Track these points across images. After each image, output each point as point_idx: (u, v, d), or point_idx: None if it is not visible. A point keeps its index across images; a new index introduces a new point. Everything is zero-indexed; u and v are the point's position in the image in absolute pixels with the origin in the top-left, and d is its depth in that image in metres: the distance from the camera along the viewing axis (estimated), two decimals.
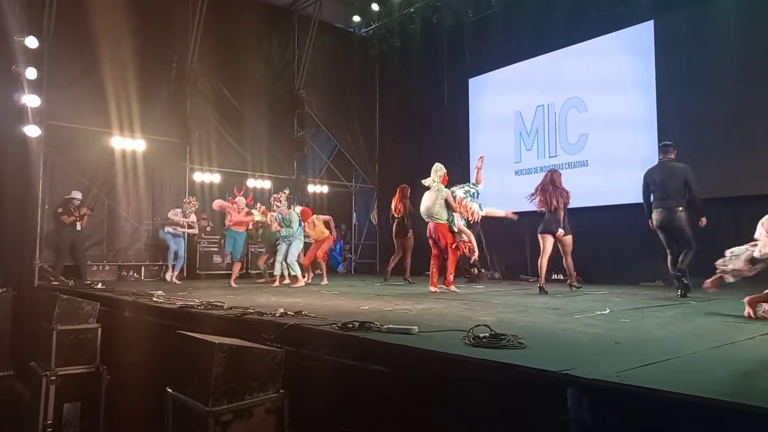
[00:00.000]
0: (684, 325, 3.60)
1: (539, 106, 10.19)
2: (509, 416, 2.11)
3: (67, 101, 9.43)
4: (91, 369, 5.38)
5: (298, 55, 12.68)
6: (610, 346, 2.66)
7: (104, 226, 9.92)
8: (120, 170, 9.98)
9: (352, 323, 3.12)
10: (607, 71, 9.11)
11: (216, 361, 2.61)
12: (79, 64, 9.59)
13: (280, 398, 2.79)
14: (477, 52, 11.45)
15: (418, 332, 2.93)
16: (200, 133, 11.10)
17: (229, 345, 2.69)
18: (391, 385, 2.62)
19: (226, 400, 2.63)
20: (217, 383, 2.62)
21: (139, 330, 5.16)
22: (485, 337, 2.65)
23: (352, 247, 14.77)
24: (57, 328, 5.20)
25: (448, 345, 2.58)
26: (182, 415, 2.79)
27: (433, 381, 2.44)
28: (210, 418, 2.54)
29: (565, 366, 2.05)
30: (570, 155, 9.67)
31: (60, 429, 5.23)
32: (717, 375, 2.01)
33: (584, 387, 1.88)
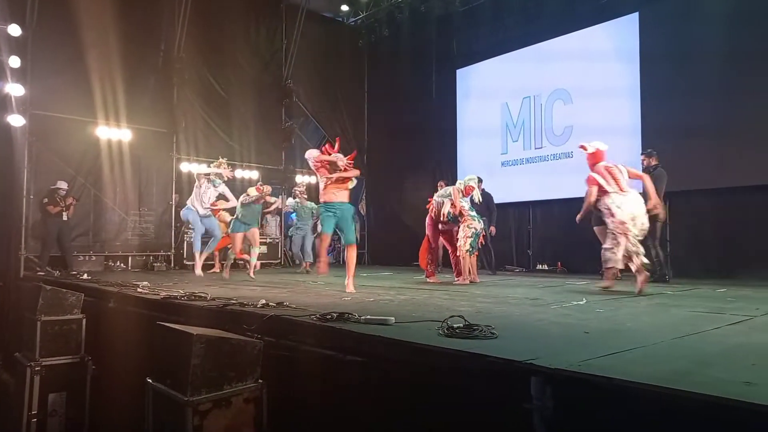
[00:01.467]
0: (657, 315, 3.69)
1: (525, 97, 10.25)
2: (478, 404, 2.17)
3: (52, 90, 9.34)
4: (76, 359, 5.41)
5: (286, 45, 12.60)
6: (579, 337, 2.74)
7: (90, 216, 9.88)
8: (106, 160, 9.92)
9: (331, 314, 3.18)
10: (592, 63, 9.17)
11: (194, 351, 2.66)
12: (64, 53, 9.47)
13: (259, 388, 2.84)
14: (465, 42, 11.48)
15: (395, 323, 2.99)
16: (187, 123, 11.04)
17: (207, 336, 2.73)
18: (366, 375, 2.68)
19: (204, 390, 2.68)
20: (196, 373, 2.66)
21: (124, 321, 5.19)
22: (459, 327, 2.71)
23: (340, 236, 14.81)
24: (41, 319, 5.22)
25: (422, 336, 2.64)
26: (162, 405, 2.83)
27: (406, 370, 2.50)
28: (188, 407, 2.59)
29: (533, 356, 2.12)
30: (555, 147, 9.74)
31: (45, 419, 5.27)
32: (675, 365, 2.08)
33: (547, 376, 1.94)
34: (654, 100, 8.35)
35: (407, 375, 2.50)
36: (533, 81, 10.01)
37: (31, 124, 9.09)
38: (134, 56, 10.25)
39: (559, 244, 9.84)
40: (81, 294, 5.57)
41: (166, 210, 10.80)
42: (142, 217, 10.46)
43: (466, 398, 2.22)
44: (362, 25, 13.43)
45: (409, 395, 2.43)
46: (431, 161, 12.20)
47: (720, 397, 1.54)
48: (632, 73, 8.67)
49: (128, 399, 5.42)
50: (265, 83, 12.41)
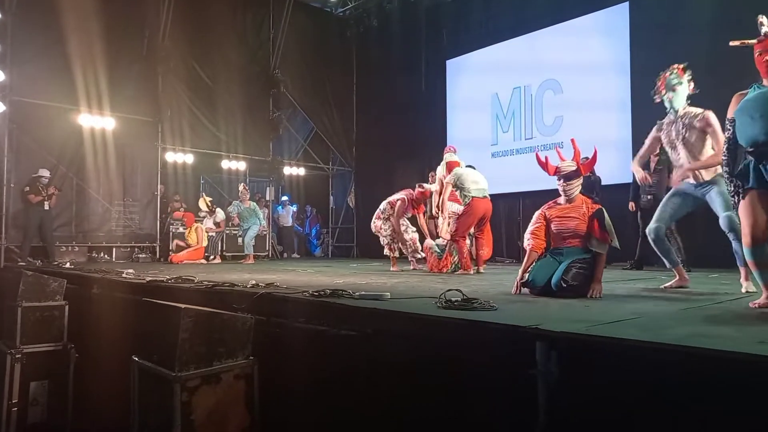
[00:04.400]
0: (655, 293, 3.65)
1: (516, 87, 10.21)
2: (480, 374, 2.09)
3: (33, 77, 9.12)
4: (59, 347, 5.24)
5: (274, 34, 12.43)
6: (579, 310, 2.67)
7: (73, 206, 9.66)
8: (89, 149, 9.70)
9: (324, 291, 3.09)
10: (582, 53, 9.14)
11: (183, 326, 2.55)
12: (45, 39, 9.24)
13: (250, 365, 2.74)
14: (455, 33, 11.40)
15: (391, 299, 2.90)
16: (172, 112, 10.85)
17: (196, 310, 2.63)
18: (362, 349, 2.60)
19: (193, 366, 2.57)
20: (184, 349, 2.56)
21: (109, 307, 5.04)
22: (457, 301, 2.64)
23: (329, 230, 14.70)
24: (22, 305, 5.05)
25: (420, 309, 2.56)
26: (148, 383, 2.72)
27: (404, 343, 2.42)
28: (176, 383, 2.48)
29: (535, 323, 2.05)
30: (546, 137, 9.71)
31: (26, 408, 5.10)
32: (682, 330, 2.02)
33: (553, 341, 1.87)
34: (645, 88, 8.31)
35: (405, 347, 2.43)
36: (523, 71, 9.97)
37: (11, 111, 8.86)
38: (117, 43, 10.04)
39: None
40: (63, 280, 5.41)
41: (151, 201, 10.60)
42: (126, 208, 10.26)
43: (467, 368, 2.14)
44: (351, 16, 13.31)
45: (408, 367, 2.35)
46: (421, 153, 12.10)
47: (739, 353, 1.47)
48: (623, 64, 8.66)
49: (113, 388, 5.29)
50: (253, 73, 12.24)
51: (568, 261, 3.31)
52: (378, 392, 2.47)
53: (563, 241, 3.49)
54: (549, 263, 3.42)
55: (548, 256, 3.49)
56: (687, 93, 3.85)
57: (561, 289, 3.18)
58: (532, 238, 3.66)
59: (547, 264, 3.42)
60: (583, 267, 3.25)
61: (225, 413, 2.64)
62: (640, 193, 7.01)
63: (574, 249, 3.42)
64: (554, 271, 3.34)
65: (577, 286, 3.19)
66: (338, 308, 2.74)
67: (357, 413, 2.56)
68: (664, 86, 3.85)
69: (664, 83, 3.85)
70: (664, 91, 3.85)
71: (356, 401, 2.58)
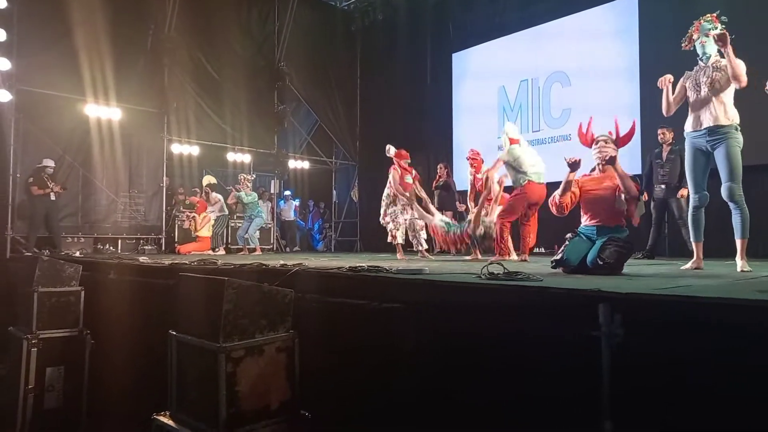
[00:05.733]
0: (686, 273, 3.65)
1: (523, 80, 10.21)
2: (539, 340, 2.08)
3: (40, 66, 9.03)
4: (74, 333, 5.20)
5: (279, 27, 12.40)
6: (625, 282, 2.67)
7: (79, 196, 9.59)
8: (95, 139, 9.63)
9: (360, 267, 3.07)
10: (591, 45, 9.16)
11: (226, 297, 2.54)
12: (52, 28, 9.17)
13: (291, 338, 2.73)
14: (461, 26, 11.38)
15: (430, 273, 2.89)
16: (178, 104, 10.79)
17: (239, 282, 2.61)
18: (406, 321, 2.58)
19: (236, 337, 2.56)
20: (228, 320, 2.54)
21: (127, 292, 5.02)
22: (499, 274, 2.63)
23: (332, 224, 14.67)
24: (38, 290, 5.01)
25: (464, 281, 2.55)
26: (188, 356, 2.70)
27: (455, 314, 2.41)
28: (221, 353, 2.47)
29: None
30: (553, 130, 9.73)
31: (42, 394, 5.07)
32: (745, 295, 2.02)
33: (618, 302, 1.86)
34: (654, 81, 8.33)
35: (456, 318, 2.41)
36: (531, 64, 9.97)
37: (17, 100, 8.79)
38: (124, 34, 9.96)
39: (555, 228, 9.81)
40: (79, 266, 5.37)
41: (157, 192, 10.55)
42: (132, 199, 10.20)
43: (524, 336, 2.13)
44: (356, 9, 13.27)
45: (459, 338, 2.34)
46: (426, 146, 12.10)
47: None
48: (631, 55, 8.68)
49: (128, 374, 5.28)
50: (258, 66, 12.20)
51: (603, 239, 3.31)
52: (426, 364, 2.46)
53: (595, 216, 3.48)
54: (582, 242, 3.42)
55: (580, 235, 3.49)
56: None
57: (597, 267, 3.18)
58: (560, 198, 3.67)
59: (580, 242, 3.42)
60: (619, 245, 3.25)
61: (267, 385, 2.63)
62: (653, 183, 7.04)
63: (607, 227, 3.41)
64: (587, 250, 3.34)
65: (613, 264, 3.19)
66: (381, 281, 2.73)
67: (402, 386, 2.55)
68: (698, 31, 3.87)
69: (698, 29, 3.88)
70: (697, 35, 3.87)
71: (400, 374, 2.57)
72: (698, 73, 3.91)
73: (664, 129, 6.98)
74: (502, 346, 2.18)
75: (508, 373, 2.11)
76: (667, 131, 6.95)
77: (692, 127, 3.92)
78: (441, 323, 2.45)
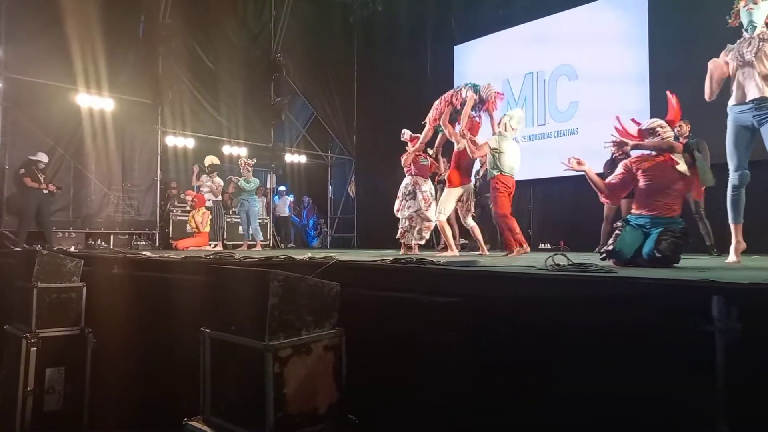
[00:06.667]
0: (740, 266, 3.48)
1: (528, 73, 10.06)
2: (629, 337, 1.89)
3: (30, 54, 8.68)
4: (76, 331, 4.92)
5: (275, 17, 12.10)
6: (699, 274, 2.49)
7: (70, 190, 9.22)
8: (87, 130, 9.28)
9: (405, 259, 2.85)
10: (598, 38, 9.03)
11: (272, 290, 2.30)
12: (42, 14, 8.81)
13: (338, 335, 2.51)
14: (464, 18, 11.20)
15: (486, 265, 2.69)
16: (173, 95, 10.46)
17: (285, 273, 2.38)
18: (463, 315, 2.37)
19: (282, 335, 2.33)
20: (273, 316, 2.31)
21: (134, 287, 4.73)
22: (566, 265, 2.43)
23: (327, 220, 14.42)
24: (38, 286, 4.71)
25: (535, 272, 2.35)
26: (227, 356, 2.47)
27: (521, 306, 2.21)
28: (268, 353, 2.24)
29: None
30: (559, 123, 9.60)
31: (42, 396, 4.78)
32: None
33: (734, 294, 1.67)
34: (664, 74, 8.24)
35: (521, 311, 2.22)
36: (536, 57, 9.81)
37: (6, 89, 8.42)
38: (117, 22, 9.65)
39: (561, 223, 9.71)
40: (80, 260, 5.07)
41: (151, 186, 10.21)
42: (125, 193, 9.86)
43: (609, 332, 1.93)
44: (354, 0, 13.01)
45: (528, 333, 2.14)
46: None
47: None
48: (641, 48, 8.56)
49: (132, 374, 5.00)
50: (254, 57, 11.91)
51: (659, 230, 3.12)
52: (489, 361, 2.26)
53: (650, 206, 3.28)
54: (634, 233, 3.23)
55: (632, 225, 3.30)
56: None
57: (653, 260, 3.00)
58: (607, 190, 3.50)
59: (633, 233, 3.23)
60: (676, 236, 3.06)
61: (315, 387, 2.41)
62: None
63: (663, 218, 3.23)
64: (639, 242, 3.16)
65: (669, 256, 3.01)
66: (434, 273, 2.51)
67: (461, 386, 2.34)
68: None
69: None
70: (744, 3, 3.67)
71: (458, 372, 2.36)
72: (741, 45, 3.71)
73: (681, 121, 6.83)
74: (586, 342, 1.98)
75: (598, 371, 1.92)
76: (683, 123, 6.81)
77: (736, 100, 3.72)
78: (507, 317, 2.25)
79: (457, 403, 2.38)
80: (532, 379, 2.07)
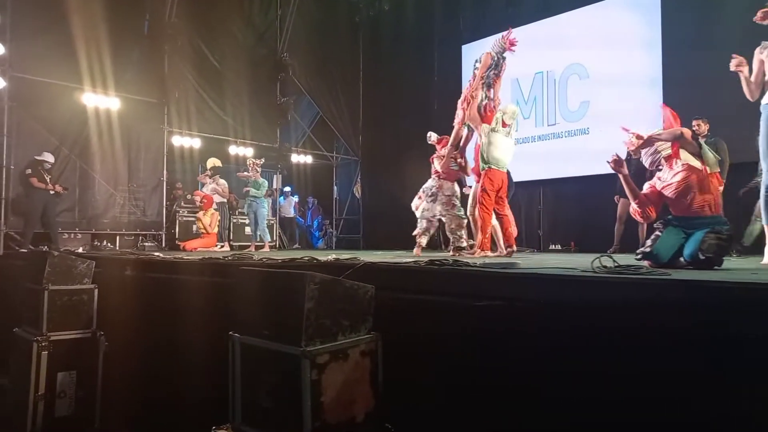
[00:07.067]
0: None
1: (538, 73, 9.96)
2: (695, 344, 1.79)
3: (35, 52, 8.53)
4: (87, 334, 4.81)
5: (281, 16, 11.99)
6: (752, 276, 2.39)
7: (76, 190, 9.10)
8: (93, 130, 9.16)
9: (440, 261, 2.75)
10: (610, 36, 8.92)
11: (308, 293, 2.20)
12: (48, 12, 8.67)
13: (374, 339, 2.41)
14: (472, 17, 11.08)
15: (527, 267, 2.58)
16: (179, 94, 10.35)
17: (321, 276, 2.28)
18: (510, 320, 2.27)
19: (319, 340, 2.23)
20: (310, 320, 2.21)
21: (148, 289, 4.63)
22: (615, 267, 2.33)
23: (333, 221, 14.30)
24: (49, 288, 4.61)
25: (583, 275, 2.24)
26: (260, 361, 2.36)
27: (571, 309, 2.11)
28: (305, 359, 2.13)
29: None
30: (570, 123, 9.49)
31: (53, 400, 4.67)
32: None
33: None
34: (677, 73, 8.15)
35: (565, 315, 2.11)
36: (546, 56, 9.70)
37: (11, 88, 8.28)
38: (123, 20, 9.53)
39: (571, 224, 9.60)
40: (92, 261, 4.97)
41: (157, 186, 10.10)
42: (131, 194, 9.74)
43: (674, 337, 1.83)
44: None
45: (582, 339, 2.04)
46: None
47: None
48: (653, 47, 8.46)
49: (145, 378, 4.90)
50: (259, 56, 11.80)
51: (702, 231, 3.01)
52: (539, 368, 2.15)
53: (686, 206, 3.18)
54: (675, 234, 3.12)
55: (673, 226, 3.19)
56: None
57: (696, 262, 2.89)
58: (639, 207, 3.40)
59: (673, 234, 3.12)
60: (720, 237, 2.94)
61: (352, 394, 2.30)
62: None
63: (705, 218, 3.12)
64: (679, 243, 3.05)
65: (713, 258, 2.90)
66: (475, 276, 2.41)
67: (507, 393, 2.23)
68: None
69: None
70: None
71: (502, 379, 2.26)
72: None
73: (699, 120, 6.74)
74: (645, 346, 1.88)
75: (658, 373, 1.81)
76: (702, 122, 6.71)
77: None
78: (555, 321, 2.14)
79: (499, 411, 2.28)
80: (584, 384, 1.97)
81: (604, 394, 1.94)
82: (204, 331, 3.87)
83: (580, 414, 1.99)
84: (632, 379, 1.88)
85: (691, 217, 3.15)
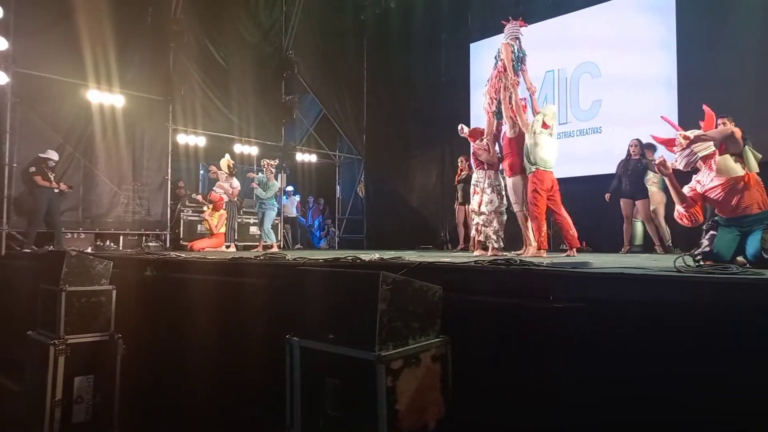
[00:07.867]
0: None
1: (549, 71, 9.87)
2: None
3: (39, 48, 8.34)
4: (105, 337, 4.63)
5: (287, 13, 11.84)
6: None
7: (80, 189, 8.88)
8: (98, 127, 8.95)
9: (503, 261, 2.62)
10: (623, 35, 8.85)
11: (381, 295, 2.07)
12: (52, 7, 8.50)
13: (444, 343, 2.27)
14: (481, 15, 10.96)
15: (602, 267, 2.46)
16: (184, 92, 10.16)
17: (393, 276, 2.14)
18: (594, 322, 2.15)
19: (391, 344, 2.09)
20: (383, 323, 2.07)
21: (169, 291, 4.47)
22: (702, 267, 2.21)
23: (335, 221, 14.15)
24: (66, 290, 4.43)
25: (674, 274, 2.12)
26: (323, 366, 2.22)
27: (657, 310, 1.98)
28: (380, 364, 2.00)
29: None
30: (582, 122, 9.41)
31: (70, 406, 4.49)
32: None
33: None
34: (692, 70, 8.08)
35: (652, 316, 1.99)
36: (558, 54, 9.62)
37: (14, 84, 8.07)
38: (128, 16, 9.34)
39: (582, 224, 9.49)
40: (110, 262, 4.79)
41: (162, 185, 9.90)
42: (135, 193, 9.53)
43: None
44: None
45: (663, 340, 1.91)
46: (437, 142, 11.68)
47: None
48: (668, 44, 8.38)
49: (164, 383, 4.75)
50: (265, 53, 11.63)
51: (759, 229, 2.91)
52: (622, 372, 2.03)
53: (733, 206, 3.08)
54: (729, 232, 3.02)
55: (724, 226, 3.09)
56: None
57: (761, 260, 2.79)
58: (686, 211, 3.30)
59: (728, 233, 3.02)
60: None
61: (424, 401, 2.17)
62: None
63: (753, 215, 3.02)
64: (736, 242, 2.95)
65: None
66: (551, 276, 2.28)
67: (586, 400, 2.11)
68: None
69: None
70: None
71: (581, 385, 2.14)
72: None
73: (725, 119, 6.63)
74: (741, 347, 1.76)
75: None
76: (728, 121, 6.60)
77: None
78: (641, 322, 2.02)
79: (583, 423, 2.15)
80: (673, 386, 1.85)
81: (709, 398, 1.81)
82: (230, 335, 3.73)
83: (684, 419, 1.87)
84: (742, 381, 1.76)
85: (740, 217, 3.05)
